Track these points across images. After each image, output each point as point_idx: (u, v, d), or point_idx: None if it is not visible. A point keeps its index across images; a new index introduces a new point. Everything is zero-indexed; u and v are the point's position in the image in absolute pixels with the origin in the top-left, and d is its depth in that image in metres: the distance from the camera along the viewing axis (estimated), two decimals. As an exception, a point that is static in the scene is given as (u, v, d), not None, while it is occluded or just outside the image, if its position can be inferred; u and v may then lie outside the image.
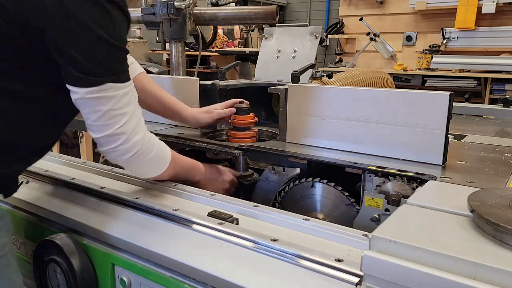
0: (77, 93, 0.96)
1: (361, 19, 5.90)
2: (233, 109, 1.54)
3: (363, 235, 0.87)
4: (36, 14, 0.90)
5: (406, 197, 1.02)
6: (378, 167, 1.14)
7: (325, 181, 1.25)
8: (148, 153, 1.08)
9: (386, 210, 1.10)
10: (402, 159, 1.21)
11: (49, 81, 0.99)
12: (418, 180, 1.08)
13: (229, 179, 1.38)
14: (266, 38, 1.97)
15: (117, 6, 0.97)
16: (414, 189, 1.07)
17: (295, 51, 1.85)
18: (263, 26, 3.72)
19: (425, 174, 1.07)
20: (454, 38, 5.38)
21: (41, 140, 1.08)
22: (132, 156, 1.04)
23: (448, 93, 1.13)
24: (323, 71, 1.72)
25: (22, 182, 1.29)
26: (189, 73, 2.77)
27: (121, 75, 1.00)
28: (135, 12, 2.43)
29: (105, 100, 0.96)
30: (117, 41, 0.98)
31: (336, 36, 6.52)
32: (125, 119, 1.00)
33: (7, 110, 0.97)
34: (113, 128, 0.99)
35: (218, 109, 1.56)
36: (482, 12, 5.10)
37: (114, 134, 1.00)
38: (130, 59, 1.37)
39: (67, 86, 0.96)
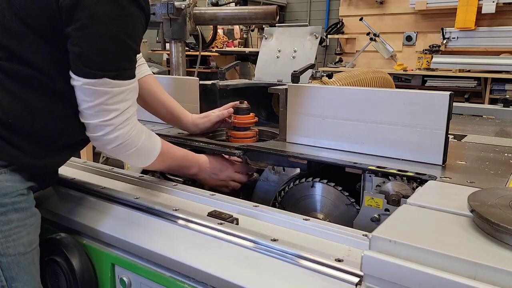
0: (76, 81, 0.98)
1: (361, 19, 5.90)
2: (231, 109, 1.54)
3: (363, 235, 0.88)
4: (51, 4, 0.94)
5: (406, 197, 1.02)
6: (378, 167, 1.14)
7: (325, 181, 1.25)
8: (132, 146, 1.09)
9: (386, 210, 1.10)
10: (402, 159, 1.21)
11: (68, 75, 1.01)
12: (418, 180, 1.07)
13: (228, 175, 1.38)
14: (266, 38, 1.97)
15: (134, 2, 0.98)
16: (414, 189, 1.07)
17: (295, 51, 1.85)
18: (263, 26, 3.71)
19: (425, 174, 1.07)
20: (454, 38, 5.38)
21: (75, 132, 1.09)
22: (114, 147, 1.07)
23: (448, 93, 1.13)
24: (323, 71, 1.72)
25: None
26: (189, 73, 2.77)
27: (123, 72, 1.01)
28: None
29: (99, 94, 0.99)
30: (129, 38, 1.00)
31: (336, 36, 6.51)
32: (114, 115, 1.02)
33: (41, 104, 1.00)
34: (100, 119, 1.02)
35: (216, 112, 1.56)
36: (482, 12, 5.10)
37: (100, 124, 1.02)
38: (140, 59, 1.39)
39: (70, 72, 0.99)
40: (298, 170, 1.34)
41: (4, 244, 0.95)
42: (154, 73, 1.68)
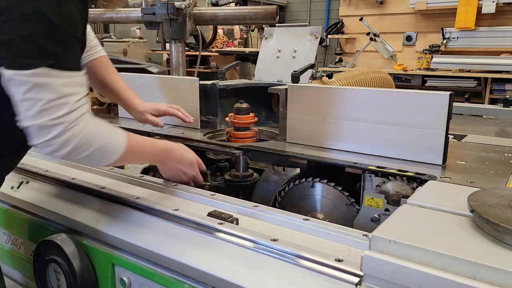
0: (4, 76, 0.82)
1: (361, 19, 5.90)
2: (176, 111, 1.51)
3: (363, 235, 0.87)
4: None
5: (406, 197, 1.02)
6: (378, 167, 1.14)
7: (325, 181, 1.25)
8: (89, 145, 0.91)
9: (386, 210, 1.10)
10: (402, 159, 1.21)
11: None
12: (418, 180, 1.08)
13: (189, 176, 1.26)
14: (266, 38, 1.97)
15: None
16: (414, 189, 1.07)
17: (295, 51, 1.85)
18: (263, 26, 3.72)
19: (425, 174, 1.07)
20: (454, 38, 5.38)
21: (11, 139, 0.99)
22: (70, 152, 0.88)
23: (448, 93, 1.13)
24: (323, 71, 1.72)
25: (22, 182, 1.30)
26: (189, 73, 2.77)
27: (62, 60, 0.85)
28: (135, 12, 2.43)
29: (39, 89, 0.82)
30: (61, 19, 0.82)
31: (336, 36, 6.51)
32: (64, 111, 0.85)
33: None
34: (45, 118, 0.83)
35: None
36: (482, 12, 5.10)
37: (46, 125, 0.84)
38: (94, 41, 1.35)
39: None
40: (298, 170, 1.34)
41: None
42: (154, 73, 1.66)
